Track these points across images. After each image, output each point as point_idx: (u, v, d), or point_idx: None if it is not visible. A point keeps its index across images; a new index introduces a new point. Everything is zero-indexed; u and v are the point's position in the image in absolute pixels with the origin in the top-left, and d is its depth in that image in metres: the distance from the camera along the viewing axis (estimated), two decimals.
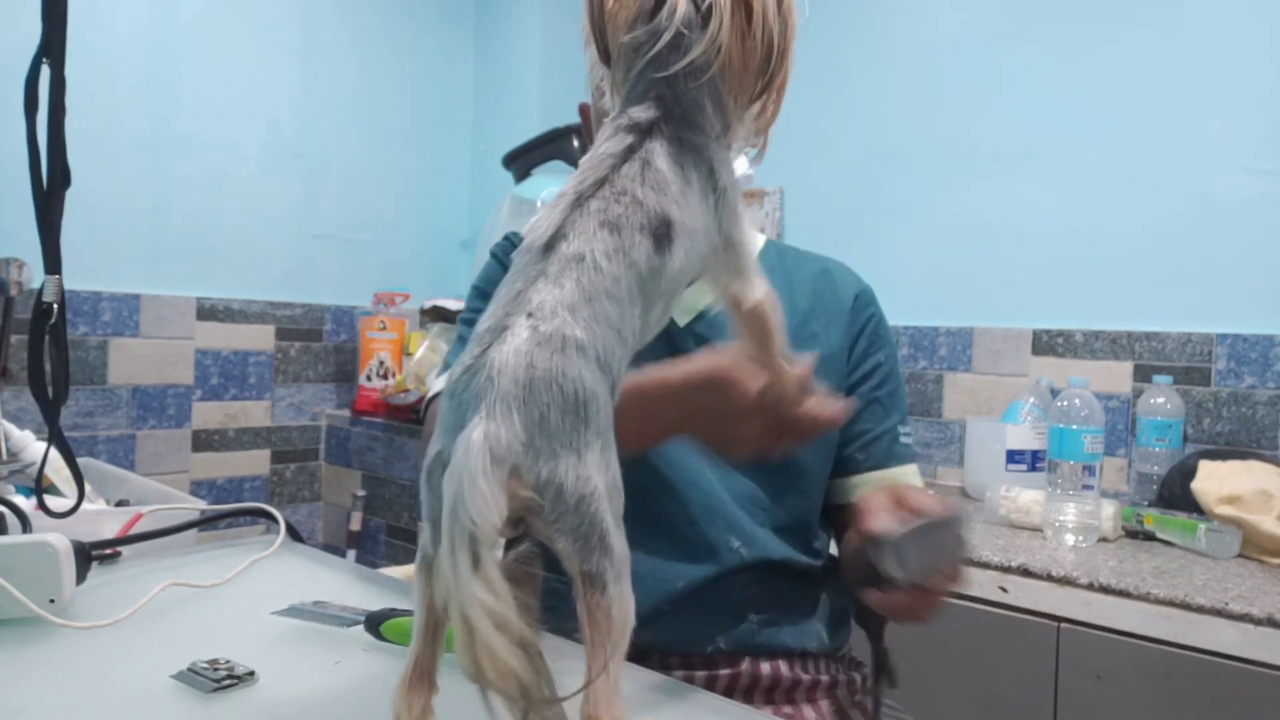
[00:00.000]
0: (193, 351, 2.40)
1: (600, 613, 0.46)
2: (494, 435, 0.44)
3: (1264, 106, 1.77)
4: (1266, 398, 1.74)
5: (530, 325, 0.48)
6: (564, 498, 0.45)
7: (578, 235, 0.52)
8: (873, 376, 1.03)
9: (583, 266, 0.51)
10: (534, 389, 0.46)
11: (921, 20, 2.27)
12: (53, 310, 0.82)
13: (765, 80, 0.61)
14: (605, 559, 0.47)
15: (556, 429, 0.46)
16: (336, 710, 0.63)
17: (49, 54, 0.79)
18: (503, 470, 0.44)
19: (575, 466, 0.46)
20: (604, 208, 0.54)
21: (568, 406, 0.46)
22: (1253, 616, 1.19)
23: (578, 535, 0.46)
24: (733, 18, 0.59)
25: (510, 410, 0.45)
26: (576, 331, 0.48)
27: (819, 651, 0.97)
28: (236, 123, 2.47)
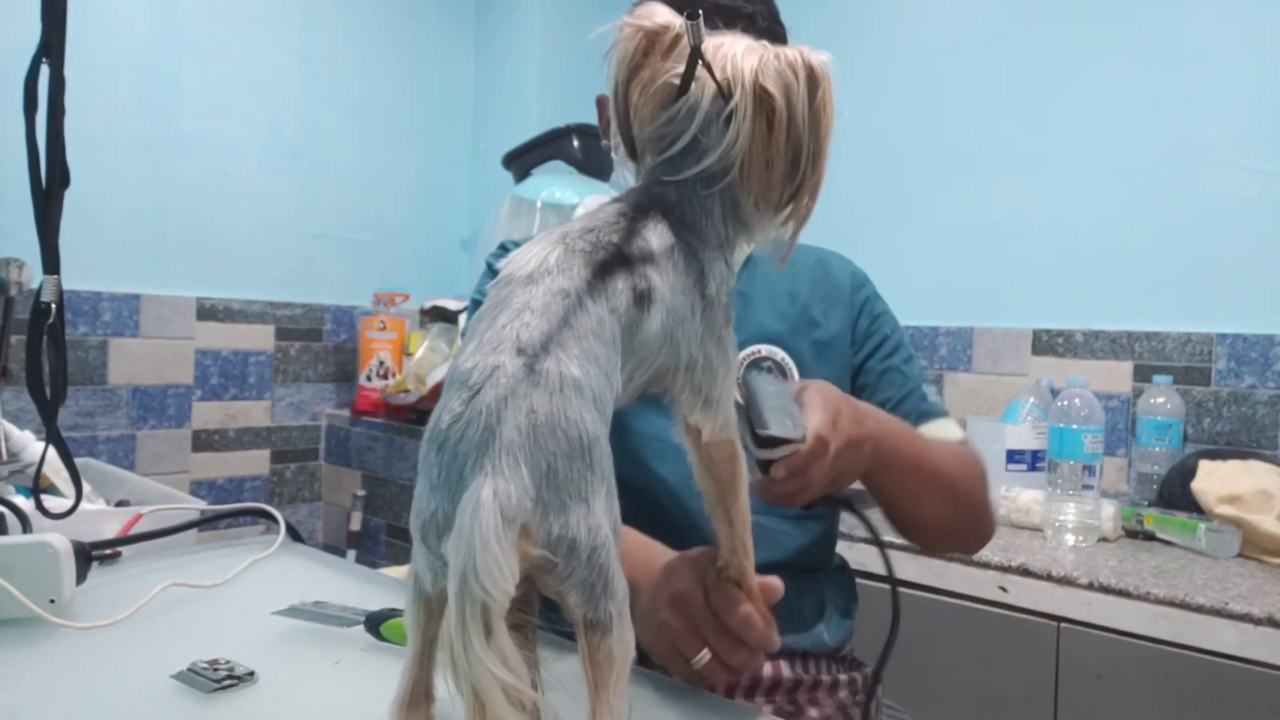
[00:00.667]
0: (193, 351, 2.40)
1: (602, 654, 0.45)
2: (504, 493, 0.41)
3: (1264, 106, 1.77)
4: (1266, 398, 1.74)
5: (523, 364, 0.44)
6: (578, 552, 0.43)
7: (562, 271, 0.49)
8: (883, 347, 1.03)
9: (568, 303, 0.48)
10: (538, 437, 0.42)
11: (921, 20, 2.27)
12: (51, 310, 0.82)
13: (795, 185, 0.58)
14: (609, 603, 0.45)
15: (565, 479, 0.43)
16: (336, 710, 0.63)
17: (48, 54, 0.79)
18: (514, 531, 0.41)
19: (586, 517, 0.43)
20: (590, 251, 0.51)
21: (574, 453, 0.43)
22: (1253, 616, 1.19)
23: (586, 586, 0.44)
24: (754, 122, 0.56)
25: (517, 463, 0.42)
26: (572, 369, 0.45)
27: (821, 652, 0.98)
28: (236, 123, 2.47)
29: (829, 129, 0.57)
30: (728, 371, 0.59)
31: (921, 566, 1.48)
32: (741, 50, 0.57)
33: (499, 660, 0.40)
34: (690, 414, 0.59)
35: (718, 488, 0.63)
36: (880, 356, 1.03)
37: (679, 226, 0.57)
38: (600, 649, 0.45)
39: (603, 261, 0.52)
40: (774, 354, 0.98)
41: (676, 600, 0.69)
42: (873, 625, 1.09)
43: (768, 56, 0.57)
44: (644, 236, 0.55)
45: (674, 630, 0.69)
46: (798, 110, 0.56)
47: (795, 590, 0.96)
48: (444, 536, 0.42)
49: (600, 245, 0.52)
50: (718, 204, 0.58)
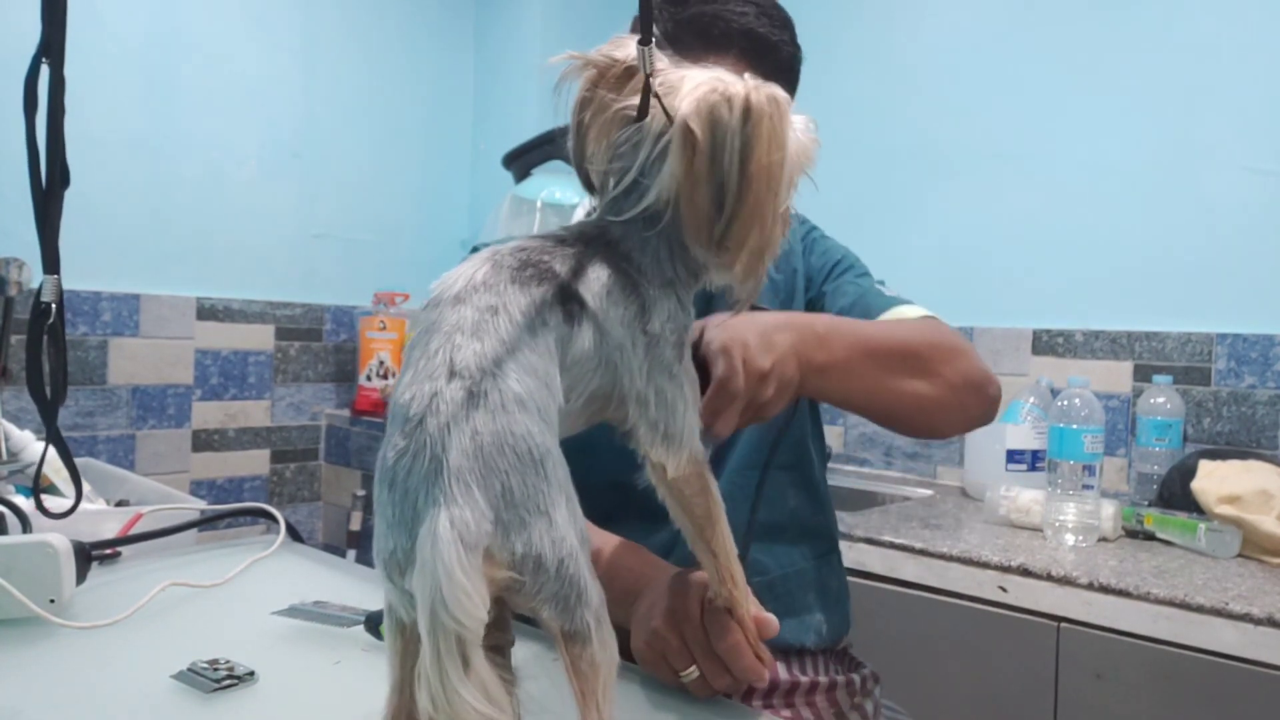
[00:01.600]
0: (193, 351, 2.40)
1: (585, 663, 0.45)
2: (461, 521, 0.40)
3: (1264, 106, 1.77)
4: (1266, 397, 1.74)
5: (460, 387, 0.43)
6: (545, 566, 0.43)
7: (490, 288, 0.49)
8: (835, 269, 1.04)
9: (498, 320, 0.47)
10: (487, 458, 0.42)
11: (921, 20, 2.27)
12: (51, 310, 0.82)
13: (723, 222, 0.54)
14: (585, 612, 0.45)
15: (521, 496, 0.42)
16: (336, 710, 0.63)
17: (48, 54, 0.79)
18: (478, 557, 0.40)
19: (549, 530, 0.43)
20: (518, 268, 0.51)
21: (526, 468, 0.43)
22: (1253, 616, 1.19)
23: (559, 599, 0.44)
24: (682, 158, 0.54)
25: (469, 488, 0.41)
26: (511, 385, 0.44)
27: (818, 647, 0.97)
28: (236, 123, 2.47)
29: (765, 165, 0.54)
30: (687, 406, 0.57)
31: (921, 567, 1.48)
32: (691, 85, 0.55)
33: (479, 692, 0.39)
34: (652, 451, 0.57)
35: (694, 522, 0.62)
36: (831, 278, 1.03)
37: (621, 260, 0.55)
38: (582, 658, 0.45)
39: (530, 277, 0.51)
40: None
41: (672, 614, 0.69)
42: (873, 626, 1.09)
43: (710, 91, 0.54)
44: (578, 261, 0.54)
45: (665, 642, 0.69)
46: (723, 145, 0.53)
47: (793, 579, 0.96)
48: (407, 573, 0.42)
49: (529, 264, 0.52)
50: (663, 244, 0.57)
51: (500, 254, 0.52)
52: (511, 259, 0.52)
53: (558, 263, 0.53)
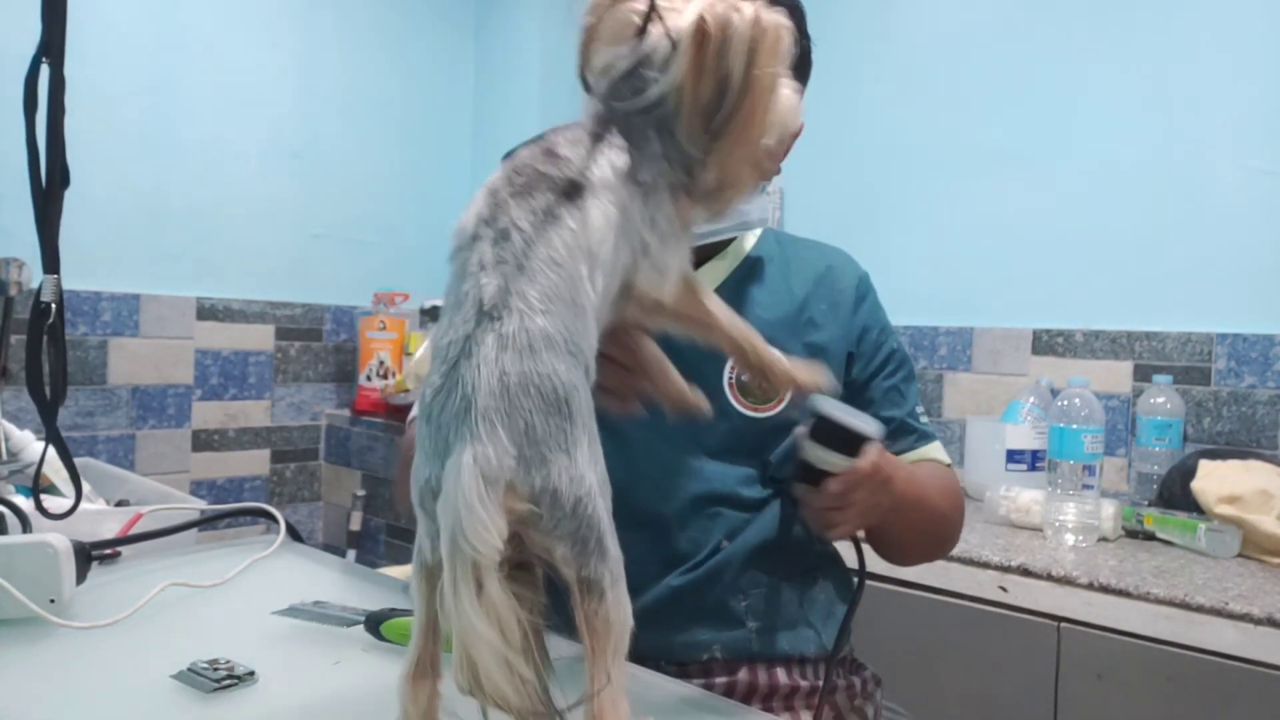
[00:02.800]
0: (193, 351, 2.40)
1: (599, 620, 0.46)
2: (483, 457, 0.43)
3: (1264, 106, 1.77)
4: (1266, 397, 1.74)
5: (491, 330, 0.46)
6: (561, 502, 0.44)
7: (497, 218, 0.51)
8: (889, 363, 1.04)
9: (511, 243, 0.50)
10: (512, 398, 0.44)
11: (922, 20, 2.27)
12: (51, 310, 0.82)
13: (722, 115, 0.57)
14: (602, 564, 0.46)
15: (543, 434, 0.44)
16: (336, 710, 0.63)
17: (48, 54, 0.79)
18: (498, 491, 0.43)
19: (568, 468, 0.45)
20: (511, 183, 0.54)
21: (550, 408, 0.45)
22: (1253, 616, 1.19)
23: (576, 539, 0.45)
24: (691, 55, 0.56)
25: (494, 426, 0.43)
26: (538, 321, 0.47)
27: (817, 655, 0.97)
28: (236, 123, 2.47)
29: (768, 72, 0.57)
30: (679, 241, 0.61)
31: (922, 567, 1.48)
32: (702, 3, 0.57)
33: (490, 617, 0.42)
34: (647, 285, 0.60)
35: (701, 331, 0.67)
36: (885, 374, 1.04)
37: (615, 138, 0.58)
38: (597, 615, 0.46)
39: (526, 186, 0.53)
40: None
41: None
42: (873, 626, 1.09)
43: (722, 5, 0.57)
44: (557, 154, 0.56)
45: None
46: (731, 43, 0.56)
47: (791, 590, 0.96)
48: (437, 500, 0.45)
49: (520, 173, 0.54)
50: (655, 132, 0.59)
51: (495, 179, 0.55)
52: (504, 180, 0.54)
53: (549, 165, 0.55)
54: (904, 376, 1.05)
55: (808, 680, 0.95)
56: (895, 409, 1.03)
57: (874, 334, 1.04)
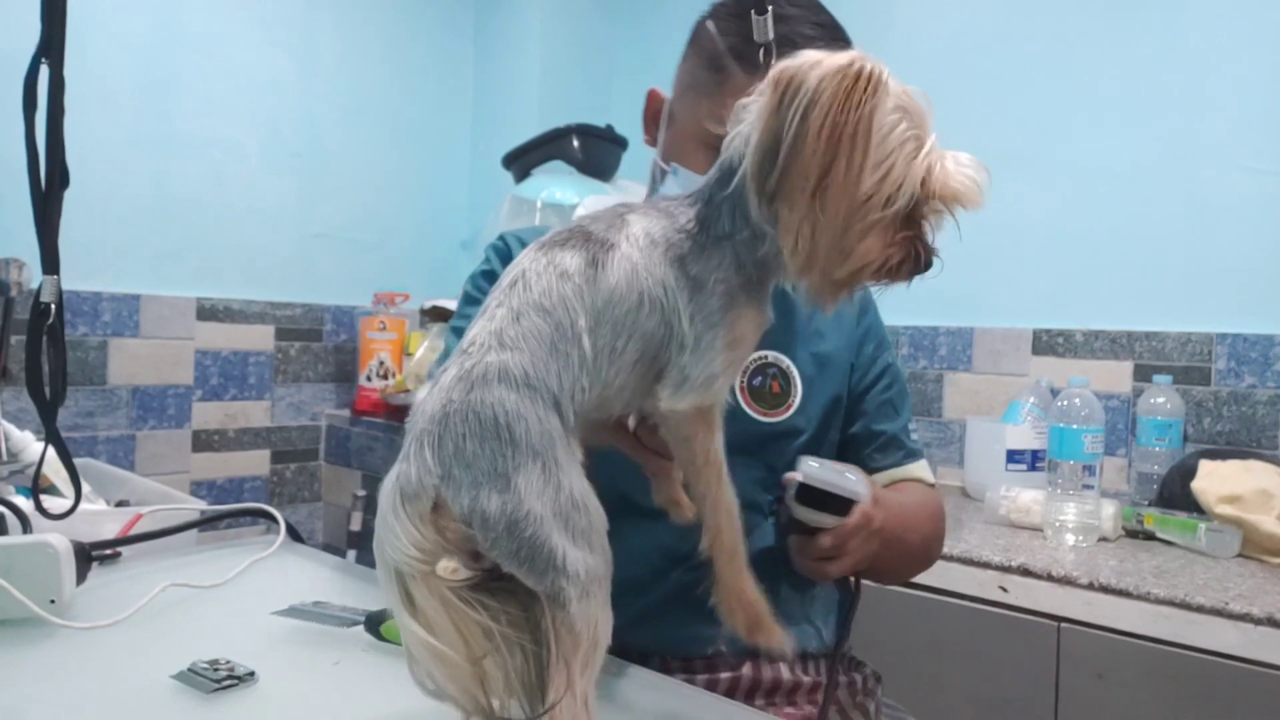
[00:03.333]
0: (193, 351, 2.40)
1: (563, 629, 0.46)
2: (404, 475, 0.45)
3: (1264, 106, 1.77)
4: (1266, 397, 1.74)
5: (458, 363, 0.49)
6: (490, 524, 0.45)
7: (518, 264, 0.54)
8: (884, 377, 1.05)
9: (514, 291, 0.52)
10: (448, 423, 0.46)
11: (922, 20, 2.27)
12: (50, 310, 0.82)
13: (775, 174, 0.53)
14: (561, 578, 0.46)
15: (474, 457, 0.46)
16: (336, 710, 0.63)
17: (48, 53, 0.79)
18: (416, 506, 0.45)
19: (500, 493, 0.45)
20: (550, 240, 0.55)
21: (486, 433, 0.46)
22: (1253, 616, 1.19)
23: (519, 559, 0.46)
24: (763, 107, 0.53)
25: (422, 447, 0.46)
26: (501, 356, 0.48)
27: (819, 651, 0.97)
28: (236, 123, 2.47)
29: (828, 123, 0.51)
30: (716, 356, 0.57)
31: None
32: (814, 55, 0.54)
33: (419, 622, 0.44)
34: (663, 388, 0.58)
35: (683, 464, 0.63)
36: (881, 388, 1.05)
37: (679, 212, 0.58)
38: (560, 621, 0.46)
39: (559, 243, 0.55)
40: (780, 361, 0.98)
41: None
42: (874, 626, 1.09)
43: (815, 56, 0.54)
44: (625, 218, 0.56)
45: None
46: (793, 95, 0.52)
47: (795, 589, 0.96)
48: None
49: (565, 231, 0.56)
50: (729, 202, 0.57)
51: (558, 230, 0.56)
52: (551, 234, 0.56)
53: (598, 224, 0.56)
54: (899, 391, 1.06)
55: (810, 676, 0.95)
56: (888, 423, 1.04)
57: (871, 347, 1.05)
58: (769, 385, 0.97)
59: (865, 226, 0.55)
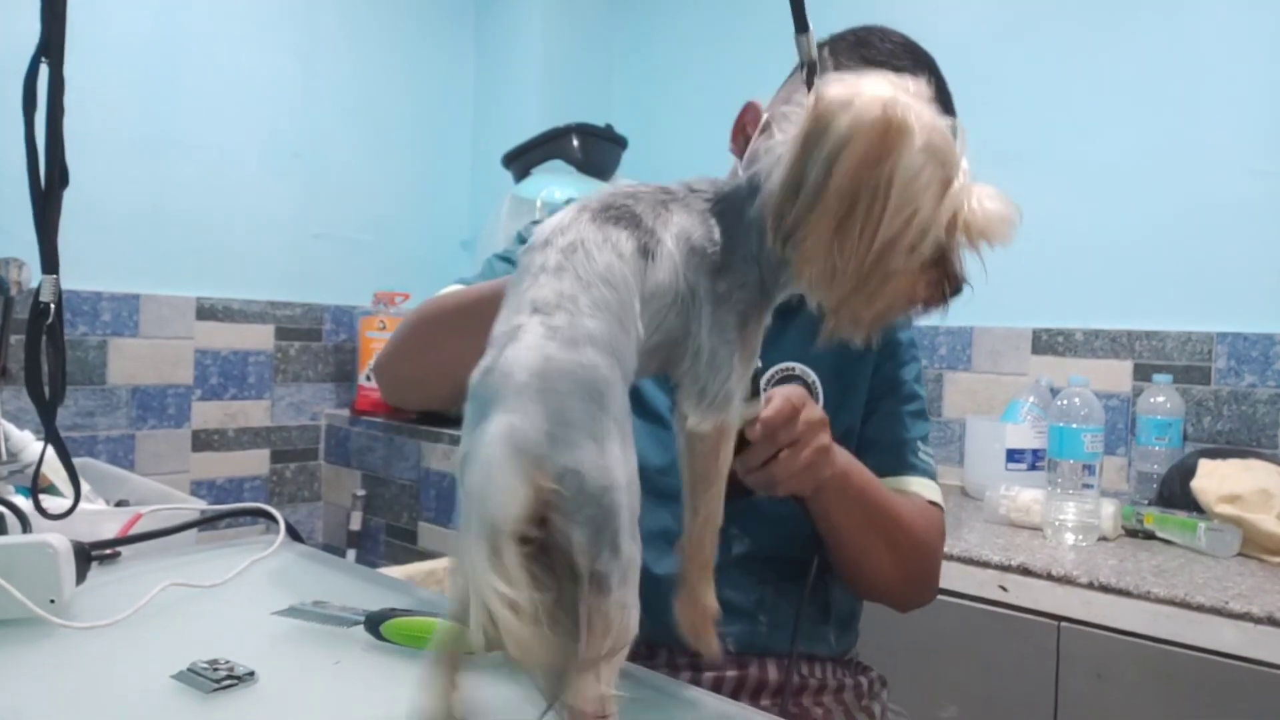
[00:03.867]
0: (192, 351, 2.40)
1: (599, 615, 0.45)
2: (513, 426, 0.44)
3: (1265, 107, 1.77)
4: (1266, 397, 1.74)
5: (540, 321, 0.48)
6: (585, 485, 0.44)
7: (571, 229, 0.53)
8: (898, 391, 1.02)
9: (576, 257, 0.51)
10: (550, 379, 0.45)
11: (922, 20, 2.26)
12: (50, 310, 0.82)
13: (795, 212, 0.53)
14: (614, 559, 0.45)
15: (576, 417, 0.45)
16: (336, 710, 0.63)
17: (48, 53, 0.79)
18: (523, 461, 0.43)
19: (596, 455, 0.45)
20: (601, 210, 0.55)
21: (585, 394, 0.46)
22: (1253, 615, 1.19)
23: (594, 526, 0.45)
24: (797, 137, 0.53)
25: (528, 401, 0.44)
26: (585, 321, 0.48)
27: (826, 656, 0.98)
28: (236, 123, 2.47)
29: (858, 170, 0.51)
30: (732, 372, 0.59)
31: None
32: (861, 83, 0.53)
33: (502, 578, 0.42)
34: (684, 401, 0.60)
35: (692, 477, 0.63)
36: (894, 399, 1.01)
37: (711, 218, 0.58)
38: (599, 610, 0.45)
39: (611, 218, 0.54)
40: (806, 374, 0.97)
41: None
42: (873, 625, 1.09)
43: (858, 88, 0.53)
44: (668, 208, 0.56)
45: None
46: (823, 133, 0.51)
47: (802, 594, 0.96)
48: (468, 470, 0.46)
49: (613, 207, 0.55)
50: (756, 224, 0.57)
51: (589, 200, 0.56)
52: (597, 204, 0.55)
53: (642, 206, 0.56)
54: (911, 411, 1.02)
55: (817, 678, 0.95)
56: (887, 433, 1.00)
57: (892, 366, 1.02)
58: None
59: (888, 271, 0.55)
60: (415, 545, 2.34)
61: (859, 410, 1.00)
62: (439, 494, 2.27)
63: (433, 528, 2.29)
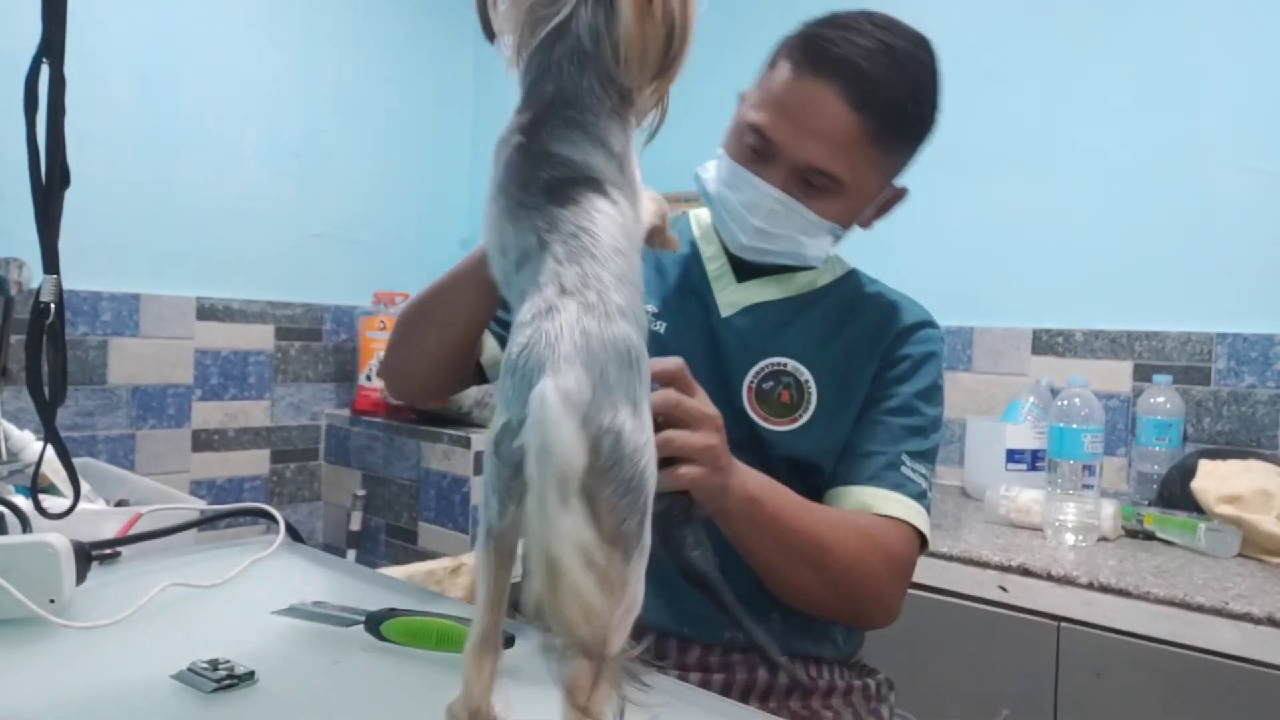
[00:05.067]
0: (192, 351, 2.40)
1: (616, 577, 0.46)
2: (563, 386, 0.45)
3: (1264, 106, 1.77)
4: (1266, 397, 1.74)
5: (576, 301, 0.49)
6: (622, 444, 0.46)
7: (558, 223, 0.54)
8: (889, 401, 0.98)
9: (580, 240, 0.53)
10: (591, 348, 0.47)
11: (921, 20, 2.26)
12: (51, 310, 0.82)
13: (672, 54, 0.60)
14: (639, 527, 0.47)
15: (616, 381, 0.47)
16: (336, 710, 0.63)
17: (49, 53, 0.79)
18: (576, 416, 0.45)
19: (633, 416, 0.47)
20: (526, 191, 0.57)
21: (623, 361, 0.48)
22: (1253, 616, 1.19)
23: (626, 488, 0.46)
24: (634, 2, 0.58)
25: (574, 365, 0.46)
26: (614, 297, 0.50)
27: (834, 658, 0.98)
28: (236, 123, 2.47)
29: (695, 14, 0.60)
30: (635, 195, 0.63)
31: (921, 566, 1.47)
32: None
33: (574, 523, 0.42)
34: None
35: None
36: (883, 409, 0.98)
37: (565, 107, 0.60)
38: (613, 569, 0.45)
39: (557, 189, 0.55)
40: (798, 372, 0.96)
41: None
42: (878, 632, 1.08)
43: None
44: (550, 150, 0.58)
45: None
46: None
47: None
48: (515, 438, 0.47)
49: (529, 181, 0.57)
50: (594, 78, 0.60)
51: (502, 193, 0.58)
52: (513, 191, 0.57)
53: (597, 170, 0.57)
54: (906, 425, 0.98)
55: (825, 680, 0.95)
56: (868, 442, 0.96)
57: (892, 373, 0.99)
58: (779, 393, 0.96)
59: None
60: (415, 545, 2.34)
61: (852, 421, 0.98)
62: (439, 494, 2.27)
63: (433, 528, 2.29)
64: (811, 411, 0.95)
